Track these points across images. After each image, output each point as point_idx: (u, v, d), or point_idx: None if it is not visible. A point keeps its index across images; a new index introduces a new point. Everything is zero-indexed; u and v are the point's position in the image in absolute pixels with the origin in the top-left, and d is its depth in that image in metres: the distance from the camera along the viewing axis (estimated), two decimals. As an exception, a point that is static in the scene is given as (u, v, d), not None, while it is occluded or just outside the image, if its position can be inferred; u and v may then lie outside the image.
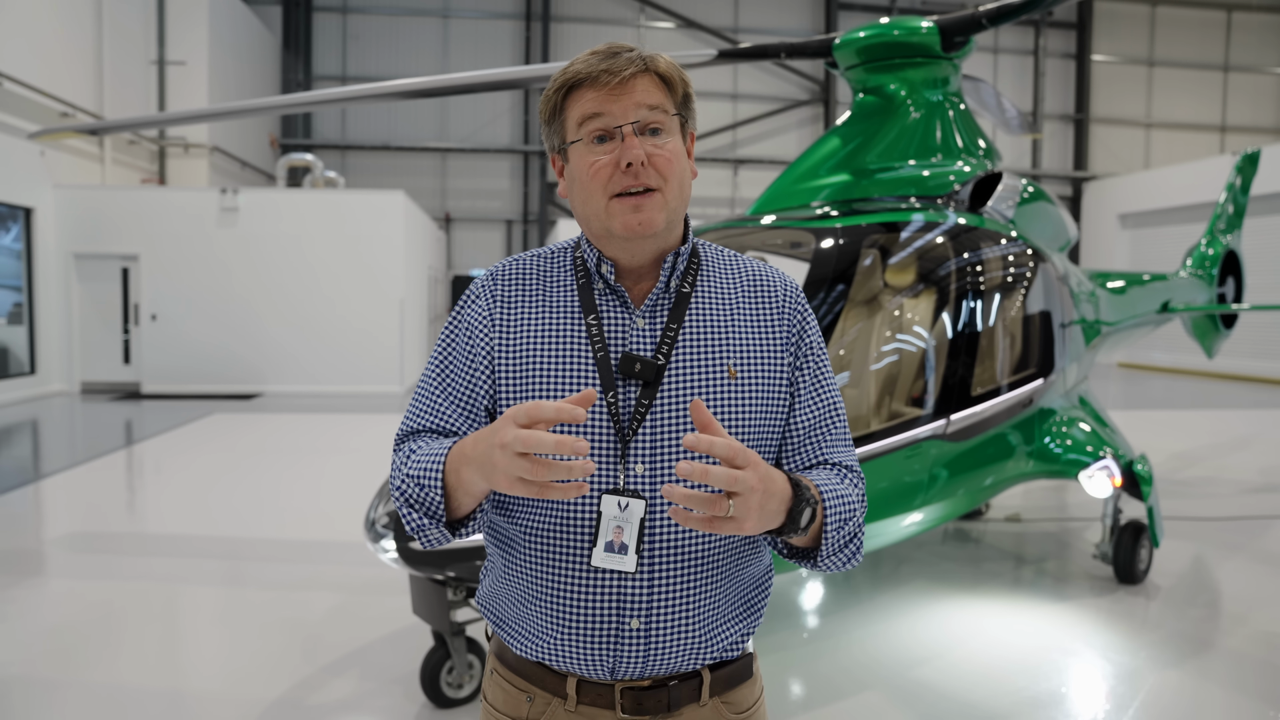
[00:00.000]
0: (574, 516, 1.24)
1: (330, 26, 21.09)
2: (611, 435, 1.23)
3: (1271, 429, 10.87)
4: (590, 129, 1.23)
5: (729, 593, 1.31)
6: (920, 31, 4.65)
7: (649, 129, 1.23)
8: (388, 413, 11.69)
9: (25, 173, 12.40)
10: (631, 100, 1.22)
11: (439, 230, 19.97)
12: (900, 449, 3.62)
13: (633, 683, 1.27)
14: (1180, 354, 17.60)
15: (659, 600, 1.24)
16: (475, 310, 1.33)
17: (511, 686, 1.34)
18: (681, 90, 1.27)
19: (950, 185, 4.64)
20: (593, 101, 1.22)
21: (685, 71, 1.29)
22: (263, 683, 3.57)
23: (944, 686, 3.57)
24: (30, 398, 12.46)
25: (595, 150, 1.24)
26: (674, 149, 1.25)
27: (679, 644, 1.26)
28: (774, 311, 1.33)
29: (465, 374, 1.31)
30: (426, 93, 5.28)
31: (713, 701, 1.32)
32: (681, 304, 1.29)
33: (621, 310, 1.29)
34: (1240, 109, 23.59)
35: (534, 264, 1.36)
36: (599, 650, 1.25)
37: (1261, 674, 3.77)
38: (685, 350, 1.27)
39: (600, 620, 1.24)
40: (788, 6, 22.00)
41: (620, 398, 1.24)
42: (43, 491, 7.10)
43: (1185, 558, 5.32)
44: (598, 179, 1.23)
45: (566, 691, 1.29)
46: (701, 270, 1.34)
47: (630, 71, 1.21)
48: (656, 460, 1.23)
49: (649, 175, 1.22)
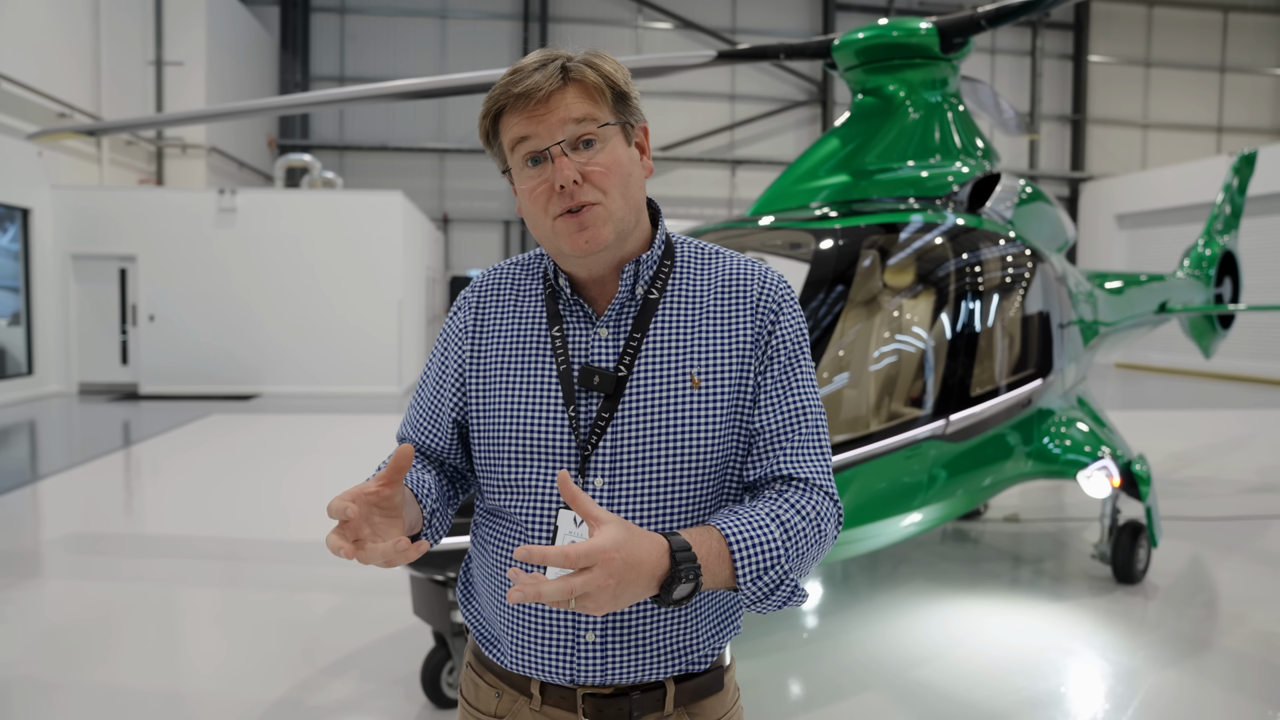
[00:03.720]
0: (532, 528, 1.24)
1: (328, 27, 21.07)
2: (572, 448, 1.22)
3: (1269, 429, 10.89)
4: (521, 153, 1.20)
5: (694, 606, 1.26)
6: (919, 33, 4.66)
7: (582, 142, 1.18)
8: (386, 413, 11.68)
9: (23, 173, 12.39)
10: (556, 117, 1.17)
11: (437, 231, 19.96)
12: (899, 449, 3.63)
13: (594, 689, 1.26)
14: (1177, 354, 17.62)
15: (614, 615, 1.22)
16: (456, 322, 1.35)
17: (483, 682, 1.36)
18: (612, 92, 1.20)
19: (949, 186, 4.65)
20: (519, 125, 1.18)
21: (619, 67, 1.22)
22: (262, 683, 3.57)
23: (944, 686, 3.58)
24: (28, 399, 12.44)
25: (530, 174, 1.20)
26: (610, 158, 1.19)
27: (638, 657, 1.25)
28: (745, 309, 1.26)
29: (434, 387, 1.35)
30: (424, 93, 5.28)
31: (677, 712, 1.29)
32: (647, 312, 1.25)
33: (584, 321, 1.26)
34: (1237, 110, 23.63)
35: (511, 273, 1.35)
36: (558, 659, 1.25)
37: (1260, 673, 3.78)
38: (648, 360, 1.23)
39: (556, 631, 1.24)
40: (786, 7, 22.01)
41: (581, 411, 1.22)
42: (41, 492, 7.09)
43: (1183, 558, 5.33)
44: (538, 203, 1.20)
45: (531, 691, 1.29)
46: (675, 273, 1.29)
47: (550, 88, 1.16)
48: (616, 474, 1.21)
49: (585, 192, 1.18)
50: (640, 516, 1.22)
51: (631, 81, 1.24)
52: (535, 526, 1.23)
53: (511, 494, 1.26)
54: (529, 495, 1.24)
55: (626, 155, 1.22)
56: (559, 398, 1.23)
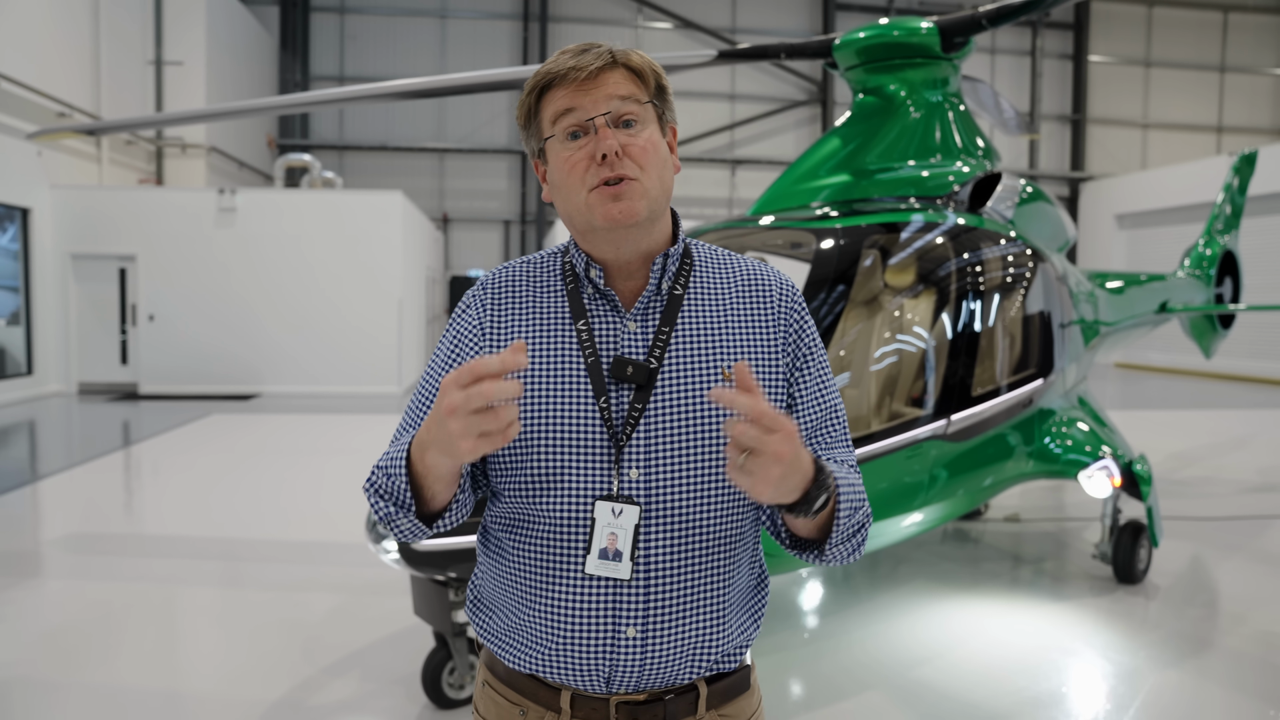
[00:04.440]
0: (567, 523, 1.22)
1: (328, 27, 21.06)
2: (605, 440, 1.22)
3: (1269, 429, 10.89)
4: (564, 125, 1.22)
5: (726, 600, 1.29)
6: (920, 32, 4.66)
7: (623, 120, 1.22)
8: (386, 413, 11.68)
9: (22, 173, 12.38)
10: (602, 93, 1.21)
11: (437, 230, 19.96)
12: (901, 449, 3.63)
13: (628, 696, 1.25)
14: (1178, 354, 17.62)
15: (655, 607, 1.22)
16: (466, 321, 1.33)
17: (504, 700, 1.31)
18: (654, 81, 1.25)
19: (950, 186, 4.65)
20: (564, 98, 1.22)
21: (660, 66, 1.28)
22: (263, 684, 3.56)
23: (945, 686, 3.58)
24: (27, 398, 12.44)
25: (570, 146, 1.23)
26: (650, 139, 1.23)
27: (676, 653, 1.24)
28: (770, 312, 1.31)
29: None
30: (424, 93, 5.27)
31: (710, 714, 1.29)
32: (674, 306, 1.27)
33: (612, 314, 1.27)
34: (1237, 110, 23.63)
35: (523, 271, 1.35)
36: (594, 661, 1.23)
37: (1261, 673, 3.78)
38: (678, 353, 1.25)
39: (595, 629, 1.22)
40: (786, 7, 22.01)
41: (613, 402, 1.23)
42: (41, 492, 7.09)
43: (1184, 557, 5.32)
44: (575, 173, 1.22)
45: (561, 705, 1.26)
46: (694, 271, 1.32)
47: (599, 65, 1.20)
48: (651, 465, 1.21)
49: (625, 165, 1.20)
50: (675, 506, 1.22)
51: (669, 82, 1.29)
52: (570, 520, 1.22)
53: (542, 490, 1.23)
54: (562, 489, 1.22)
55: (662, 143, 1.26)
56: (588, 390, 1.23)
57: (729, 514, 1.25)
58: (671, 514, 1.22)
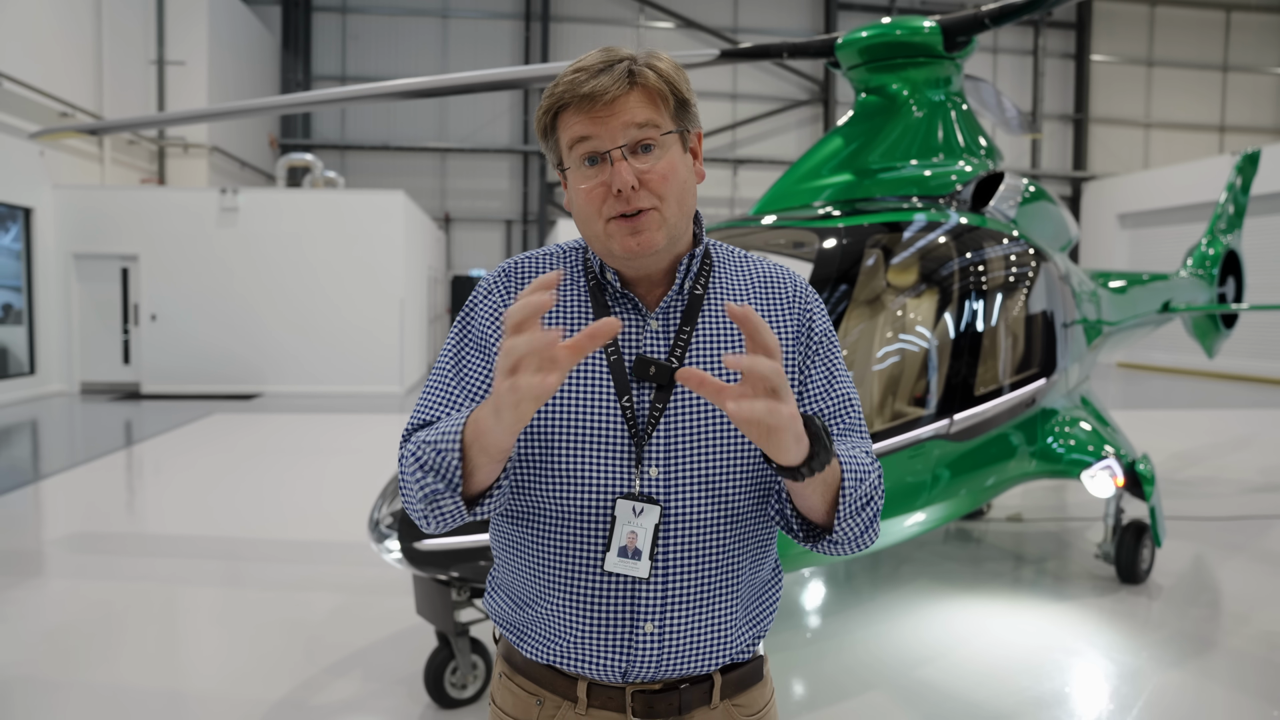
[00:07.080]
0: (587, 519, 1.23)
1: (330, 26, 21.08)
2: (626, 439, 1.22)
3: (1271, 429, 10.87)
4: (580, 152, 1.21)
5: (742, 595, 1.30)
6: (923, 31, 4.65)
7: (641, 146, 1.20)
8: (388, 413, 11.68)
9: (25, 173, 12.39)
10: (619, 121, 1.18)
11: (438, 230, 19.96)
12: (903, 449, 3.62)
13: (643, 685, 1.27)
14: (1180, 354, 17.60)
15: (673, 604, 1.24)
16: (488, 306, 1.31)
17: (520, 690, 1.33)
18: (675, 99, 1.23)
19: (952, 185, 4.64)
20: (580, 125, 1.19)
21: (679, 71, 1.25)
22: (264, 683, 3.56)
23: (948, 686, 3.57)
24: (30, 398, 12.45)
25: (587, 174, 1.21)
26: (668, 165, 1.21)
27: (692, 647, 1.26)
28: (783, 307, 1.33)
29: (481, 366, 1.28)
30: (426, 93, 5.27)
31: (724, 704, 1.31)
32: (694, 306, 1.28)
33: (634, 313, 1.28)
34: (1239, 109, 23.60)
35: (547, 264, 1.34)
36: (612, 653, 1.24)
37: (1263, 673, 3.77)
38: (699, 352, 1.26)
39: (613, 624, 1.24)
40: (787, 6, 22.00)
41: (635, 401, 1.23)
42: (42, 492, 7.09)
43: (1186, 557, 5.31)
44: (592, 203, 1.21)
45: (576, 695, 1.28)
46: (714, 271, 1.33)
47: (616, 92, 1.17)
48: (671, 464, 1.22)
49: (642, 198, 1.19)
50: (695, 503, 1.23)
51: (691, 87, 1.27)
52: (591, 516, 1.22)
53: (561, 485, 1.23)
54: (583, 485, 1.22)
55: (683, 163, 1.25)
56: (611, 388, 1.23)
57: (747, 512, 1.27)
58: (690, 512, 1.23)
